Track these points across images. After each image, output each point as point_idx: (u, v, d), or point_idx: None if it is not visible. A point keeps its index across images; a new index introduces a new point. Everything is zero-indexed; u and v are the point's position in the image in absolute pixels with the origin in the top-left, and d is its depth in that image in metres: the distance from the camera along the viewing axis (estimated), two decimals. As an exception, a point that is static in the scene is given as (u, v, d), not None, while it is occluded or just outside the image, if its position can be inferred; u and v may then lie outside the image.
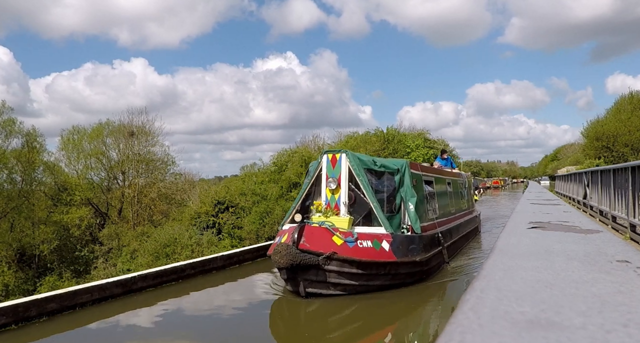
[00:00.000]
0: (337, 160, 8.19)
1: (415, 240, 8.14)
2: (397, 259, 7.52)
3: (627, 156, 31.53)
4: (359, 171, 7.98)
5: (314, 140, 40.19)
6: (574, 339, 2.07)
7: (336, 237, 7.17)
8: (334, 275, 7.08)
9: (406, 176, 8.57)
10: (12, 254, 23.18)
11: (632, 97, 34.83)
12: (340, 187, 8.05)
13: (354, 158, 8.09)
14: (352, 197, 8.06)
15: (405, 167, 8.64)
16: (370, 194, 7.87)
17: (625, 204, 6.28)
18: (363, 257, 7.13)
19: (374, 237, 7.51)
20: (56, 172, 27.40)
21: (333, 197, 8.07)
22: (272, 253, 6.99)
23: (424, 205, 9.43)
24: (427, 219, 9.36)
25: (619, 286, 3.06)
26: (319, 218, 7.72)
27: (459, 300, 2.81)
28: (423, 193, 9.48)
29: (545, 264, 3.84)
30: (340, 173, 8.09)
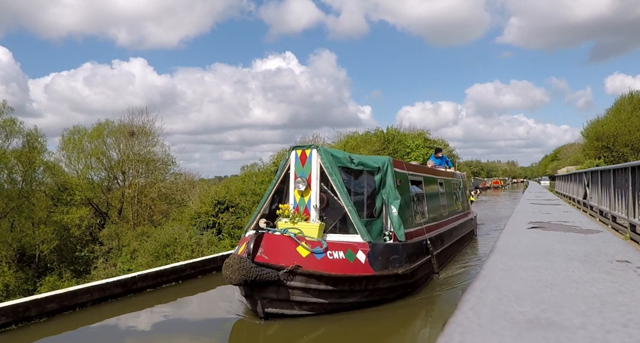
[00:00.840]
0: (307, 157, 7.05)
1: (397, 249, 7.18)
2: (375, 272, 6.54)
3: (627, 156, 31.54)
4: (332, 169, 6.88)
5: (313, 140, 40.27)
6: (574, 339, 2.07)
7: (301, 247, 6.16)
8: (299, 293, 6.08)
9: (388, 175, 7.62)
10: (12, 254, 23.18)
11: (632, 97, 34.84)
12: (310, 188, 6.94)
13: (327, 154, 7.00)
14: (325, 199, 7.02)
15: (387, 165, 7.66)
16: (345, 196, 6.79)
17: (625, 204, 6.28)
18: (333, 271, 6.14)
19: (348, 247, 6.50)
20: (56, 172, 27.42)
21: (302, 199, 6.96)
22: (223, 267, 5.98)
23: (410, 209, 8.47)
24: (414, 224, 8.45)
25: (619, 286, 3.07)
26: (285, 225, 6.70)
27: (459, 300, 2.81)
28: (409, 195, 8.58)
29: (545, 264, 3.85)
30: (310, 172, 6.99)
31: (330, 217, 7.00)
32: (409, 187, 8.70)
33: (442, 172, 12.62)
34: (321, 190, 7.02)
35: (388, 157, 8.00)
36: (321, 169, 7.00)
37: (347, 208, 6.78)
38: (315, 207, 6.87)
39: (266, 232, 6.29)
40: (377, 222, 7.25)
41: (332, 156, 7.04)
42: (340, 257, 6.35)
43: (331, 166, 6.91)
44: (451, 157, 51.51)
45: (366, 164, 7.47)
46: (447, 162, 14.65)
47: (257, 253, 5.94)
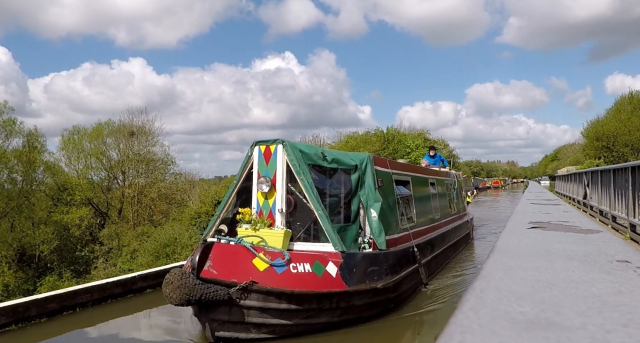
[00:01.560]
0: (272, 154, 6.22)
1: (377, 259, 6.34)
2: (349, 287, 5.69)
3: (627, 156, 31.55)
4: (300, 168, 6.02)
5: (313, 140, 40.29)
6: (574, 339, 2.07)
7: (258, 259, 5.33)
8: (256, 313, 5.28)
9: (368, 174, 6.80)
10: (12, 254, 23.17)
11: (632, 97, 34.85)
12: (275, 190, 6.12)
13: (294, 150, 6.12)
14: (292, 202, 6.20)
15: (366, 163, 6.85)
16: (315, 199, 5.91)
17: (625, 204, 6.28)
18: (297, 287, 5.32)
19: (316, 258, 5.63)
20: (56, 172, 27.42)
21: (266, 202, 6.14)
22: (163, 284, 5.09)
23: (395, 212, 7.63)
24: (399, 230, 7.58)
25: (619, 286, 3.06)
26: (245, 232, 5.90)
27: (459, 300, 2.81)
28: (394, 198, 7.72)
29: (545, 264, 3.85)
30: (275, 171, 6.17)
31: (298, 223, 6.19)
32: (393, 187, 7.89)
33: (433, 172, 11.79)
34: (288, 192, 6.20)
35: (367, 153, 7.15)
36: (288, 168, 6.15)
37: (317, 212, 5.90)
38: (281, 211, 6.05)
39: (216, 242, 5.49)
40: (352, 227, 6.43)
41: (300, 152, 6.17)
42: (306, 271, 5.50)
43: (299, 164, 6.04)
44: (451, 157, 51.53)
45: (341, 161, 6.61)
46: (442, 161, 14.02)
47: (204, 268, 5.11)
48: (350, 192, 6.61)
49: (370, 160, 6.96)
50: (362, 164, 6.81)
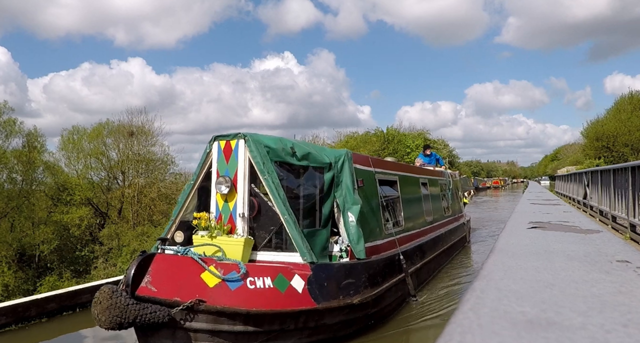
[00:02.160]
0: (233, 150, 5.51)
1: (354, 270, 5.62)
2: (319, 304, 4.99)
3: (627, 156, 31.56)
4: (264, 166, 5.30)
5: (313, 140, 40.33)
6: (574, 339, 2.07)
7: (208, 273, 4.62)
8: (205, 337, 4.60)
9: (345, 173, 6.12)
10: (12, 254, 23.17)
11: (632, 97, 34.88)
12: (236, 191, 5.42)
13: (258, 146, 5.39)
14: (256, 205, 5.51)
15: (343, 161, 6.17)
16: (281, 201, 5.22)
17: (625, 204, 6.28)
18: (254, 306, 4.60)
19: (279, 271, 4.89)
20: (56, 172, 27.43)
21: (226, 205, 5.44)
22: (92, 303, 4.38)
23: (378, 216, 6.90)
24: (383, 235, 6.86)
25: (619, 286, 3.06)
26: (201, 240, 5.26)
27: (459, 300, 2.81)
28: (377, 199, 7.00)
29: (545, 264, 3.84)
30: (236, 170, 5.47)
31: (262, 229, 5.51)
32: (376, 188, 7.15)
33: (426, 171, 11.03)
34: (251, 194, 5.51)
35: (346, 150, 6.48)
36: (251, 165, 5.45)
37: (282, 217, 5.22)
38: (242, 215, 5.36)
39: (158, 253, 4.85)
40: (320, 233, 5.66)
41: (266, 148, 5.44)
42: (266, 286, 4.75)
43: (264, 161, 5.33)
44: (451, 157, 51.54)
45: (314, 157, 5.88)
46: (437, 160, 13.48)
47: (142, 284, 4.43)
48: (323, 193, 5.91)
49: (349, 157, 6.31)
50: (338, 161, 6.12)
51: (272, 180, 5.29)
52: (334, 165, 6.06)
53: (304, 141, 6.43)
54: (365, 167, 6.92)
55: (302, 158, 5.76)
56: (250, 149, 5.42)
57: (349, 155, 6.35)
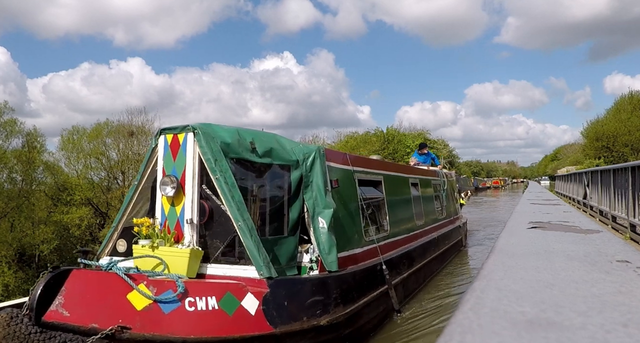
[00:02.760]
0: (181, 145, 4.77)
1: (324, 284, 4.83)
2: (276, 328, 4.22)
3: (627, 156, 31.57)
4: (216, 164, 4.55)
5: (313, 140, 40.33)
6: (574, 339, 2.07)
7: (137, 293, 3.92)
8: None
9: (315, 172, 5.34)
10: (12, 254, 23.18)
11: (632, 97, 34.90)
12: (184, 193, 4.68)
13: (210, 141, 4.63)
14: (207, 210, 4.78)
15: (314, 158, 5.40)
16: (234, 205, 4.45)
17: (625, 204, 6.28)
18: (193, 332, 3.90)
19: (227, 289, 4.14)
20: (56, 172, 27.45)
21: (173, 210, 4.71)
22: None
23: (357, 221, 6.17)
24: (362, 243, 6.12)
25: (619, 286, 3.07)
26: (142, 250, 4.53)
27: (459, 300, 2.81)
28: (357, 202, 6.28)
29: (545, 264, 3.84)
30: (184, 168, 4.72)
31: (215, 238, 4.80)
32: (355, 189, 6.38)
33: (416, 170, 10.20)
34: (202, 197, 4.78)
35: (318, 146, 5.71)
36: (202, 163, 4.71)
37: (236, 223, 4.45)
38: (190, 222, 4.61)
39: (74, 268, 4.18)
40: (287, 241, 4.99)
41: (220, 142, 4.69)
42: (209, 307, 4.01)
43: (216, 158, 4.59)
44: (451, 157, 51.55)
45: (277, 154, 5.13)
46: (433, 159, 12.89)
47: (51, 307, 3.80)
48: (290, 195, 5.19)
49: (320, 154, 5.52)
50: (307, 158, 5.35)
51: (224, 181, 4.51)
52: (302, 162, 5.29)
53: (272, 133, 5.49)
54: (341, 166, 6.11)
55: (264, 154, 4.99)
56: (200, 143, 4.64)
57: (321, 151, 5.57)
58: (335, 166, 5.94)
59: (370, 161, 7.54)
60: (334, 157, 6.03)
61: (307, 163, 5.35)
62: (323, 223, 5.16)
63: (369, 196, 6.85)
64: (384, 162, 8.55)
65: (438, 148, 42.58)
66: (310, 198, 5.24)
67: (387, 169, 7.97)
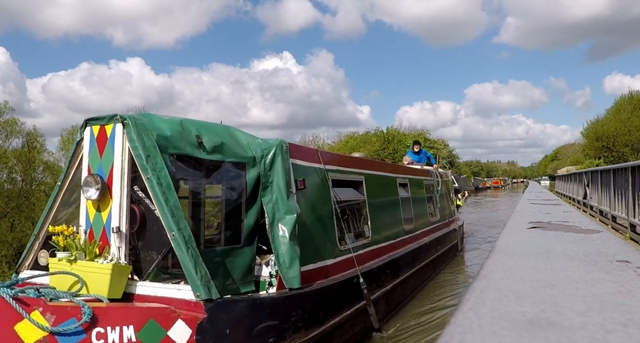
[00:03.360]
0: (108, 138, 4.03)
1: (280, 305, 4.14)
2: None
3: (627, 156, 31.58)
4: (148, 160, 3.77)
5: (313, 140, 40.34)
6: (574, 339, 2.07)
7: (27, 322, 3.11)
8: None
9: (276, 171, 4.54)
10: (12, 254, 23.19)
11: (632, 97, 34.92)
12: (111, 196, 3.95)
13: (143, 133, 3.86)
14: (138, 216, 4.05)
15: (274, 154, 4.58)
16: (167, 211, 3.69)
17: (625, 204, 6.28)
18: None
19: (150, 315, 3.45)
20: (56, 172, 27.44)
21: (99, 216, 3.98)
22: None
23: (330, 227, 5.40)
24: (335, 253, 5.35)
25: (619, 286, 3.06)
26: (59, 265, 3.83)
27: (459, 300, 2.81)
28: (330, 206, 5.48)
29: (545, 264, 3.84)
30: (111, 166, 3.98)
31: (149, 250, 4.11)
32: (329, 191, 5.57)
33: (405, 169, 9.42)
34: (133, 200, 4.07)
35: (278, 139, 4.76)
36: (131, 159, 3.94)
37: (169, 233, 3.69)
38: (117, 230, 3.87)
39: None
40: (242, 252, 4.25)
41: (155, 136, 3.90)
42: (124, 340, 3.31)
43: (148, 154, 3.80)
44: (451, 157, 51.54)
45: (229, 150, 4.34)
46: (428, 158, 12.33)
47: None
48: (245, 198, 4.40)
49: (282, 149, 4.67)
50: (266, 155, 4.54)
51: (157, 181, 3.75)
52: (260, 160, 4.50)
53: (225, 126, 4.72)
54: (310, 164, 5.31)
55: (214, 150, 4.21)
56: (130, 136, 3.86)
57: (284, 147, 4.71)
58: (303, 164, 5.15)
59: (348, 159, 6.74)
60: (301, 153, 5.23)
61: (266, 160, 4.52)
62: (284, 232, 4.36)
63: (346, 198, 6.10)
64: (365, 160, 7.57)
65: (438, 148, 42.57)
66: (269, 202, 4.45)
67: (369, 167, 7.09)
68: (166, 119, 4.18)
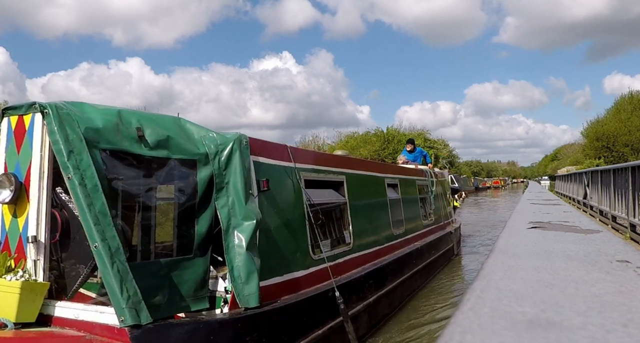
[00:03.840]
0: (27, 131, 3.47)
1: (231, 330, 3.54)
2: None
3: (627, 156, 31.60)
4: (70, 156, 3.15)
5: (314, 140, 40.38)
6: (574, 339, 2.07)
7: None
8: None
9: (233, 170, 3.89)
10: (12, 254, 23.22)
11: (632, 97, 34.95)
12: (28, 200, 3.40)
13: (66, 124, 3.24)
14: (60, 223, 3.53)
15: (231, 151, 3.91)
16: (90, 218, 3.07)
17: (625, 204, 6.28)
18: None
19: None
20: (56, 172, 27.52)
21: (15, 222, 3.44)
22: None
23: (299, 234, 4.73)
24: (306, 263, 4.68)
25: (619, 286, 3.07)
26: None
27: (459, 300, 2.81)
28: (301, 210, 4.82)
29: (545, 264, 3.85)
30: (29, 164, 3.43)
31: (75, 263, 3.55)
32: (300, 193, 4.87)
33: (395, 169, 8.80)
34: (55, 205, 3.57)
35: (237, 134, 4.09)
36: (52, 154, 3.36)
37: (92, 244, 3.07)
38: (33, 240, 3.31)
39: None
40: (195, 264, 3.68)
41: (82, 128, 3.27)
42: None
43: (71, 149, 3.16)
44: (452, 157, 51.55)
45: (176, 145, 3.69)
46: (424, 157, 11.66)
47: None
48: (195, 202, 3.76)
49: (242, 145, 3.98)
50: (220, 151, 3.86)
51: (80, 182, 3.10)
52: (214, 157, 3.83)
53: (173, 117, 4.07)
54: (277, 162, 4.63)
55: (157, 145, 3.57)
56: (50, 128, 3.21)
57: (243, 142, 4.00)
58: (268, 162, 4.47)
59: (325, 157, 6.14)
60: (266, 150, 4.52)
61: (221, 157, 3.85)
62: (240, 240, 3.70)
63: (323, 201, 5.45)
64: (347, 158, 6.76)
65: (438, 148, 42.60)
66: (224, 206, 3.79)
67: (351, 166, 6.39)
68: (101, 108, 3.57)
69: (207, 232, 3.79)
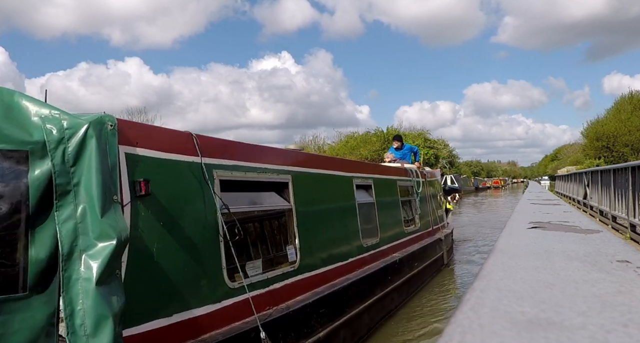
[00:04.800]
0: None
1: None
2: None
3: (627, 156, 31.59)
4: None
5: (313, 140, 40.38)
6: (574, 339, 2.07)
7: None
8: None
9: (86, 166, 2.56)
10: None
11: (632, 97, 34.94)
12: None
13: None
14: None
15: (84, 137, 2.57)
16: None
17: (625, 204, 6.28)
18: None
19: None
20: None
21: None
22: None
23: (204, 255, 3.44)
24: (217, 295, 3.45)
25: (619, 286, 3.06)
26: None
27: (459, 300, 2.81)
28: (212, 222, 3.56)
29: (545, 264, 3.84)
30: None
31: None
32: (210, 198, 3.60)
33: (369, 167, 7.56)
34: None
35: (100, 114, 2.75)
36: None
37: None
38: None
39: None
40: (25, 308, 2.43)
41: None
42: None
43: None
44: (452, 157, 51.49)
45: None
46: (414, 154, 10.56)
47: None
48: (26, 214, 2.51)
49: (103, 130, 2.71)
50: (68, 138, 2.57)
51: None
52: (56, 147, 2.54)
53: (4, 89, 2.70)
54: (170, 155, 3.32)
55: None
56: None
57: (108, 126, 2.75)
58: (153, 156, 3.18)
59: (260, 151, 4.42)
60: (153, 138, 3.23)
61: (67, 148, 2.56)
62: (89, 270, 2.47)
63: (251, 209, 4.27)
64: (295, 152, 5.34)
65: (438, 148, 42.57)
66: (68, 219, 2.52)
67: (301, 163, 5.05)
68: None
69: (48, 258, 2.53)
